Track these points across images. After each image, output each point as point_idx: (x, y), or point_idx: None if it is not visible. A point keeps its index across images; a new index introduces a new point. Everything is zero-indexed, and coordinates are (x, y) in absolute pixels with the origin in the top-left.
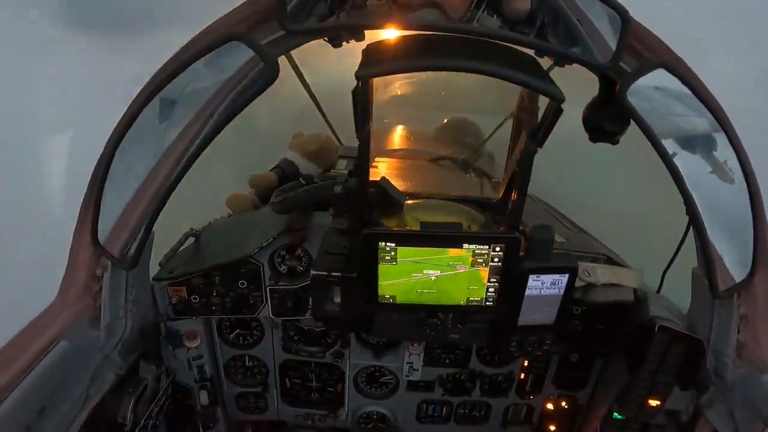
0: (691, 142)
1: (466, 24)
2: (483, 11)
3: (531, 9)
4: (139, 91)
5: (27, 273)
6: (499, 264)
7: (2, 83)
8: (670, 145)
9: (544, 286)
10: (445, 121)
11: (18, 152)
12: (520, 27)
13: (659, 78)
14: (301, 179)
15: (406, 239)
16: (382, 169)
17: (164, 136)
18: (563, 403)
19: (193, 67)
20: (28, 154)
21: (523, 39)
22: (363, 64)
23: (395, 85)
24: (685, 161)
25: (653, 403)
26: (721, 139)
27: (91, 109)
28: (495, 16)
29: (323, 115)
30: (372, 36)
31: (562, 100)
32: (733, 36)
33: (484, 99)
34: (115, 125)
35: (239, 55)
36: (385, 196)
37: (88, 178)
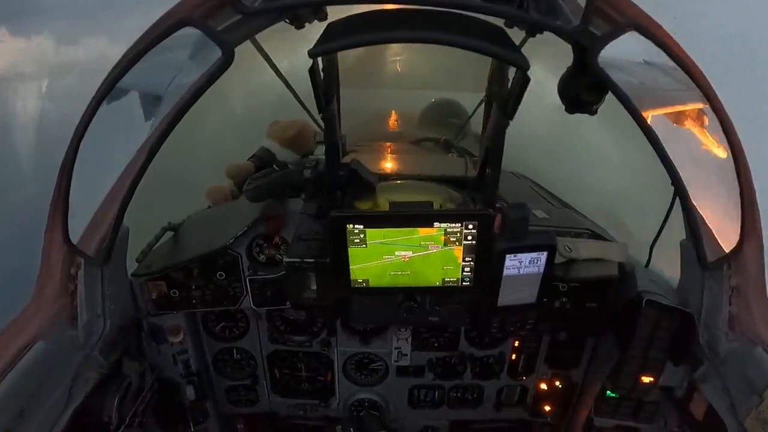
0: (671, 109)
1: None
2: None
3: None
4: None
5: None
6: (474, 242)
7: None
8: (650, 113)
9: (523, 265)
10: (432, 101)
11: None
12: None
13: (634, 43)
14: (275, 166)
15: (374, 220)
16: (362, 152)
17: (135, 131)
18: (557, 383)
19: (157, 60)
20: None
21: (485, 6)
22: (318, 41)
23: (383, 67)
24: (667, 129)
25: (646, 379)
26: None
27: None
28: None
29: (299, 100)
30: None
31: (527, 68)
32: None
33: (468, 76)
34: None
35: (191, 42)
36: (356, 179)
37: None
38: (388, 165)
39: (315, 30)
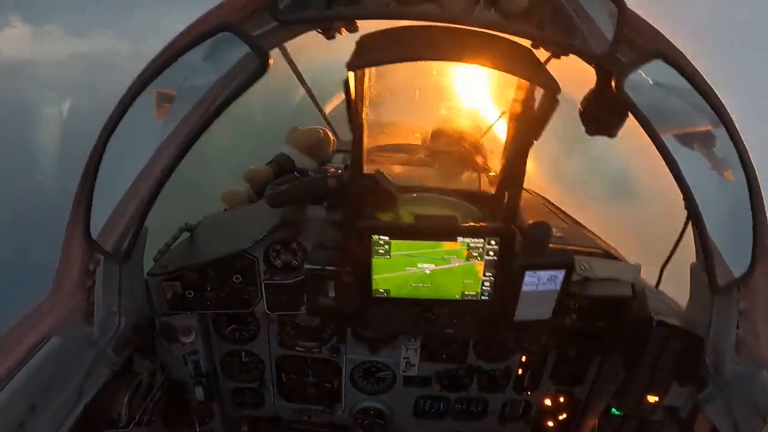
0: (689, 135)
1: (470, 17)
2: (480, 5)
3: (529, 3)
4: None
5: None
6: (495, 258)
7: None
8: (668, 138)
9: (541, 282)
10: (444, 114)
11: None
12: (518, 21)
13: (657, 69)
14: (296, 173)
15: (400, 232)
16: (379, 163)
17: (161, 129)
18: (561, 399)
19: (190, 61)
20: None
21: (517, 28)
22: (355, 54)
23: (395, 79)
24: (684, 154)
25: (651, 399)
26: (720, 132)
27: None
28: (493, 10)
29: (319, 109)
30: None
31: (558, 91)
32: None
33: (486, 93)
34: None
35: (233, 48)
36: (379, 190)
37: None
38: (406, 177)
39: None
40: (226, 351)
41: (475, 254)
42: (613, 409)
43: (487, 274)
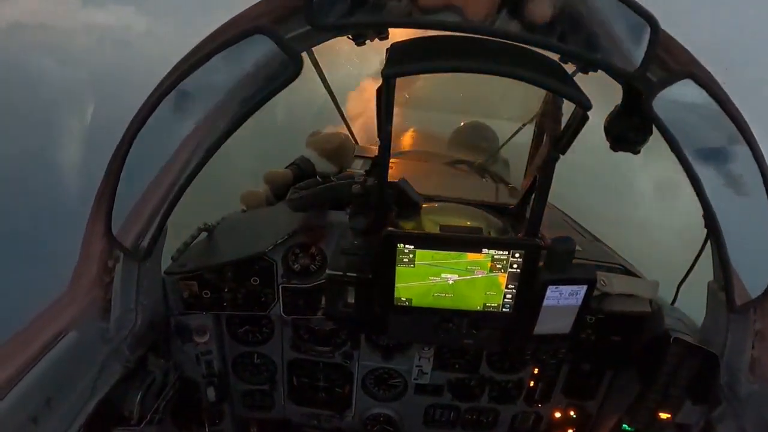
0: (714, 155)
1: (491, 26)
2: (503, 15)
3: (552, 15)
4: (159, 81)
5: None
6: (518, 270)
7: None
8: (693, 158)
9: (562, 297)
10: (461, 124)
11: None
12: (540, 33)
13: (685, 89)
14: (318, 177)
15: (426, 241)
16: (397, 170)
17: (182, 128)
18: (571, 413)
19: (220, 61)
20: None
21: (550, 42)
22: (389, 63)
23: (413, 87)
24: (708, 174)
25: (664, 416)
26: (744, 153)
27: None
28: (516, 21)
29: (341, 114)
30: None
31: (589, 108)
32: None
33: (501, 104)
34: (133, 115)
35: (261, 49)
36: (403, 197)
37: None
38: (426, 185)
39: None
40: (238, 352)
41: (498, 266)
42: (624, 425)
43: (510, 286)
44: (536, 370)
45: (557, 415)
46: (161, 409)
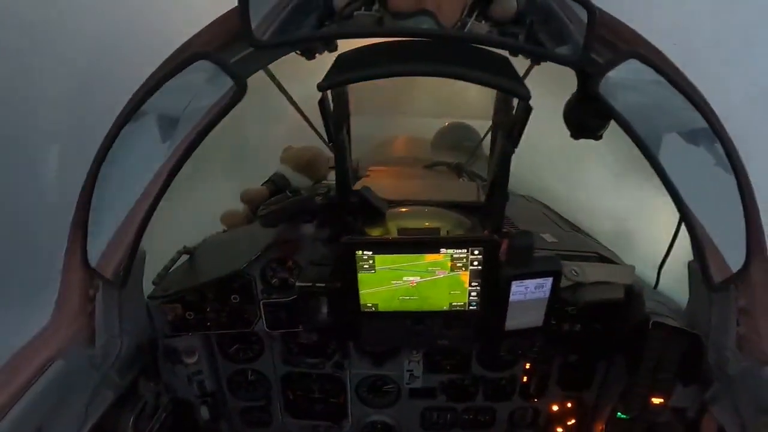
0: (673, 134)
1: (426, 29)
2: (474, 18)
3: (518, 9)
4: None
5: None
6: (479, 267)
7: None
8: (650, 139)
9: (529, 291)
10: (443, 125)
11: None
12: (510, 29)
13: (632, 69)
14: (287, 192)
15: (382, 246)
16: (374, 178)
17: (155, 156)
18: (569, 405)
19: (174, 89)
20: None
21: (483, 37)
22: (327, 74)
23: (392, 91)
24: (669, 154)
25: (656, 401)
26: (705, 129)
27: None
28: (483, 21)
29: (312, 127)
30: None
31: (528, 98)
32: None
33: (482, 103)
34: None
35: (205, 74)
36: (366, 205)
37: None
38: (399, 190)
39: (328, 58)
40: (232, 371)
41: (459, 265)
42: (620, 413)
43: (473, 284)
44: (528, 366)
45: (555, 408)
46: (155, 431)
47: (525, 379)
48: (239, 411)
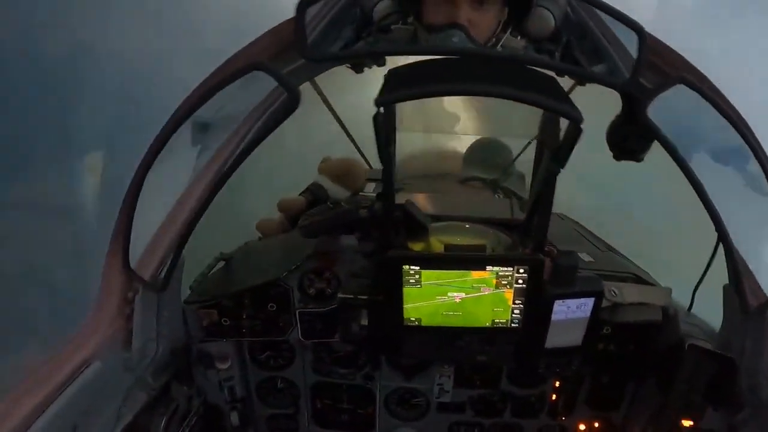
0: (716, 158)
1: (485, 48)
2: (509, 33)
3: (555, 27)
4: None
5: None
6: (524, 286)
7: None
8: (694, 162)
9: (570, 310)
10: (475, 140)
11: None
12: (546, 45)
13: (679, 94)
14: (329, 203)
15: (430, 262)
16: (409, 190)
17: (194, 161)
18: (596, 425)
19: (222, 95)
20: None
21: (539, 60)
22: (383, 90)
23: (428, 106)
24: (711, 177)
25: (686, 423)
26: (747, 154)
27: None
28: (519, 37)
29: (351, 138)
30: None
31: (580, 121)
32: None
33: (514, 120)
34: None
35: (260, 84)
36: (410, 219)
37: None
38: (438, 205)
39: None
40: (261, 378)
41: (504, 282)
42: None
43: (517, 302)
44: (558, 383)
45: (582, 427)
46: None
47: (553, 397)
48: (266, 418)
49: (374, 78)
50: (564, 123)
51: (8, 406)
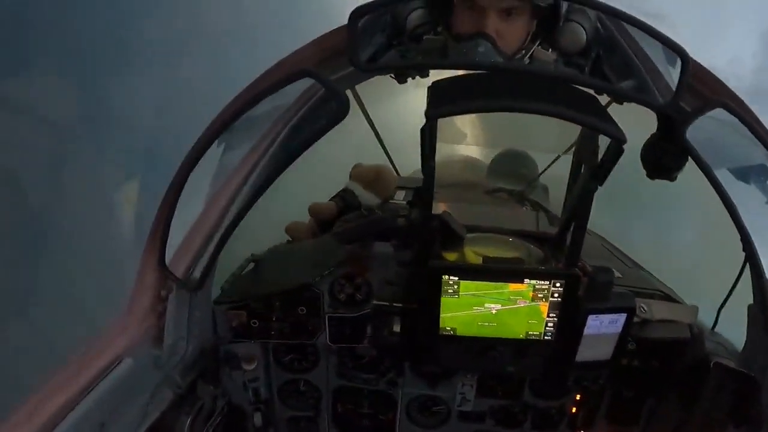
0: (748, 179)
1: (527, 65)
2: (538, 45)
3: (586, 41)
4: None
5: None
6: (559, 300)
7: None
8: (728, 182)
9: (603, 325)
10: (500, 152)
11: None
12: (575, 59)
13: (717, 117)
14: (362, 210)
15: (470, 273)
16: (439, 200)
17: (233, 163)
18: None
19: (265, 100)
20: None
21: (583, 80)
22: (431, 103)
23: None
24: (743, 198)
25: None
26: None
27: None
28: (550, 49)
29: (383, 145)
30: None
31: (624, 141)
32: None
33: (538, 134)
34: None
35: (314, 92)
36: (446, 230)
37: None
38: (469, 215)
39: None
40: (284, 380)
41: (540, 296)
42: None
43: (551, 315)
44: (578, 397)
45: None
46: None
47: (574, 410)
48: (286, 420)
49: (402, 88)
50: (603, 140)
51: (38, 402)
